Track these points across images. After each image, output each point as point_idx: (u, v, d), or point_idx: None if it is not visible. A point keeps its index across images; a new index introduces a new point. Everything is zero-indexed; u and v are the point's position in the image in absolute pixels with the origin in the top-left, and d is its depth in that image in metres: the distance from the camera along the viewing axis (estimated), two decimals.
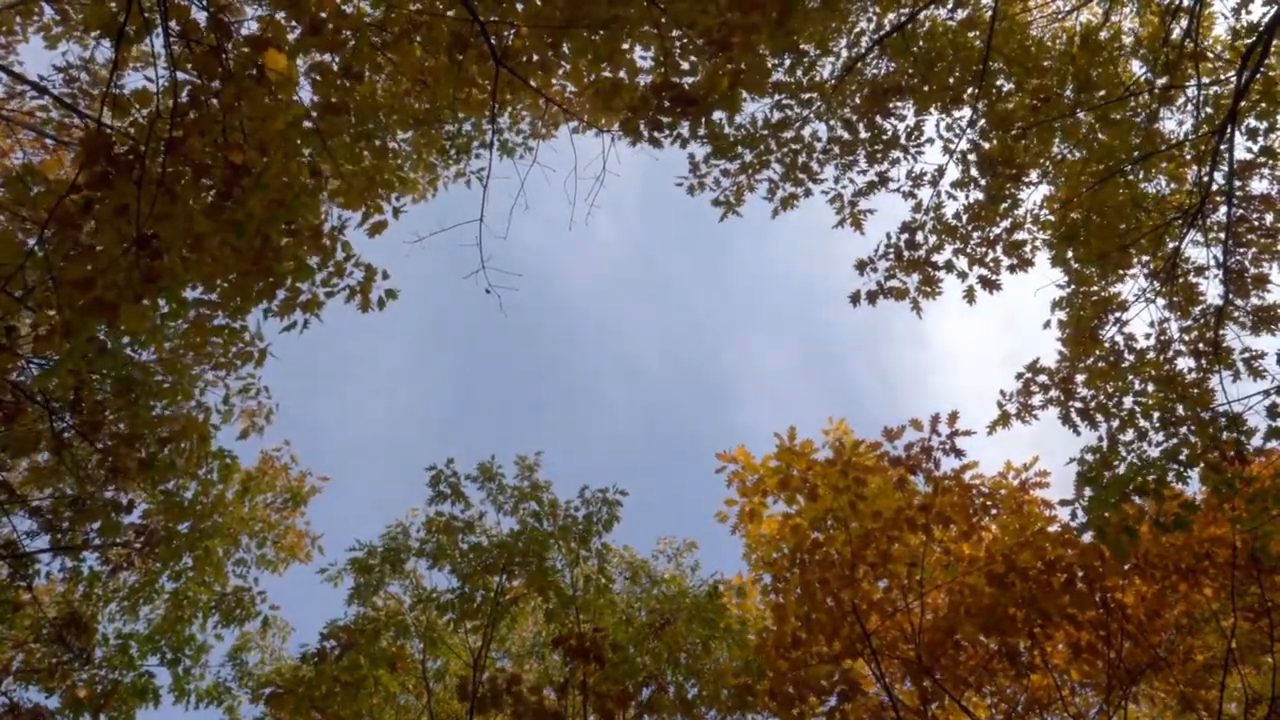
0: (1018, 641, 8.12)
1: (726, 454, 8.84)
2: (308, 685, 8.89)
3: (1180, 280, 7.15)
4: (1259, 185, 7.35)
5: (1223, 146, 6.40)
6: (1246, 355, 6.92)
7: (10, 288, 4.32)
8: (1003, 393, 7.53)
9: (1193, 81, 6.96)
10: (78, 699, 8.31)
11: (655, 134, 5.35)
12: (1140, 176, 7.55)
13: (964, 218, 8.27)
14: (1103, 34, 7.94)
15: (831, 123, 8.53)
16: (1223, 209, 6.67)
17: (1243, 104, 6.52)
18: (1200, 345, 6.86)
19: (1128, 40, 8.18)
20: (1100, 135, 7.35)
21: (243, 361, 6.43)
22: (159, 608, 9.31)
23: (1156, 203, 7.43)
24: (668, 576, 11.11)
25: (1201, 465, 5.70)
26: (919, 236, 8.47)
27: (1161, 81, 7.21)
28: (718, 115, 5.80)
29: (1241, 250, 7.12)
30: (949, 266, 8.30)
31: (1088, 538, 6.58)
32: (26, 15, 7.75)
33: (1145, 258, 7.34)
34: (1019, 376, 7.48)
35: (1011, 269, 8.19)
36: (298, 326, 5.85)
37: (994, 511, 8.50)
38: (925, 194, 8.50)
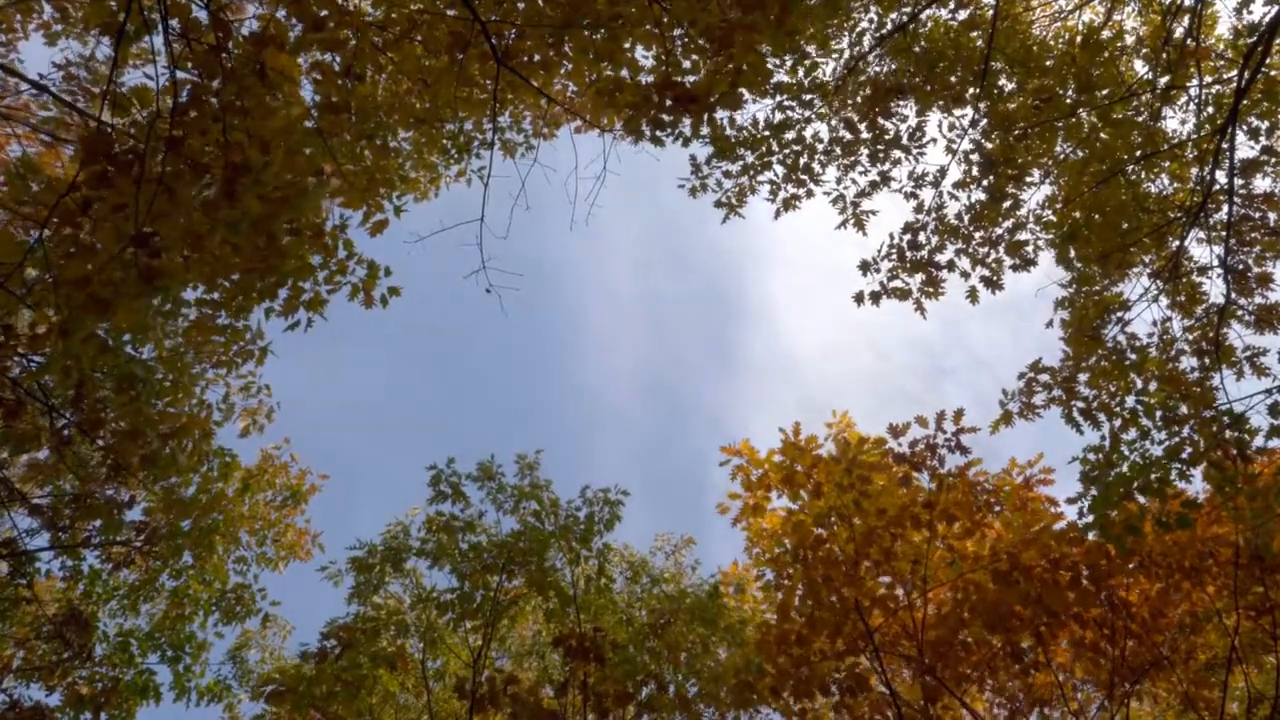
0: (1021, 639, 8.11)
1: (731, 447, 8.81)
2: (308, 684, 8.88)
3: (1183, 279, 7.15)
4: (1261, 184, 7.35)
5: (1225, 145, 6.39)
6: (1249, 354, 6.92)
7: (9, 285, 4.32)
8: (1005, 392, 7.54)
9: (1195, 81, 6.94)
10: (79, 696, 8.31)
11: (657, 133, 5.35)
12: (1142, 176, 7.54)
13: (966, 218, 8.26)
14: (1105, 33, 7.93)
15: (833, 123, 8.52)
16: (1225, 208, 6.67)
17: (1244, 103, 6.51)
18: (1203, 344, 6.84)
19: (1130, 39, 8.17)
20: (1102, 134, 7.33)
21: (244, 360, 6.42)
22: (159, 605, 9.32)
23: (1159, 202, 7.41)
24: (667, 575, 11.12)
25: (1205, 464, 5.69)
26: (921, 237, 8.46)
27: (1163, 81, 7.20)
28: (720, 115, 5.80)
29: (1244, 249, 7.11)
30: (951, 266, 8.29)
31: (1092, 535, 6.58)
32: (26, 13, 7.73)
33: (1148, 257, 7.33)
34: (1021, 376, 7.48)
35: (1014, 268, 8.19)
36: (300, 325, 5.85)
37: (998, 509, 8.49)
38: (927, 194, 8.50)
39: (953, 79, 8.05)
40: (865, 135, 8.47)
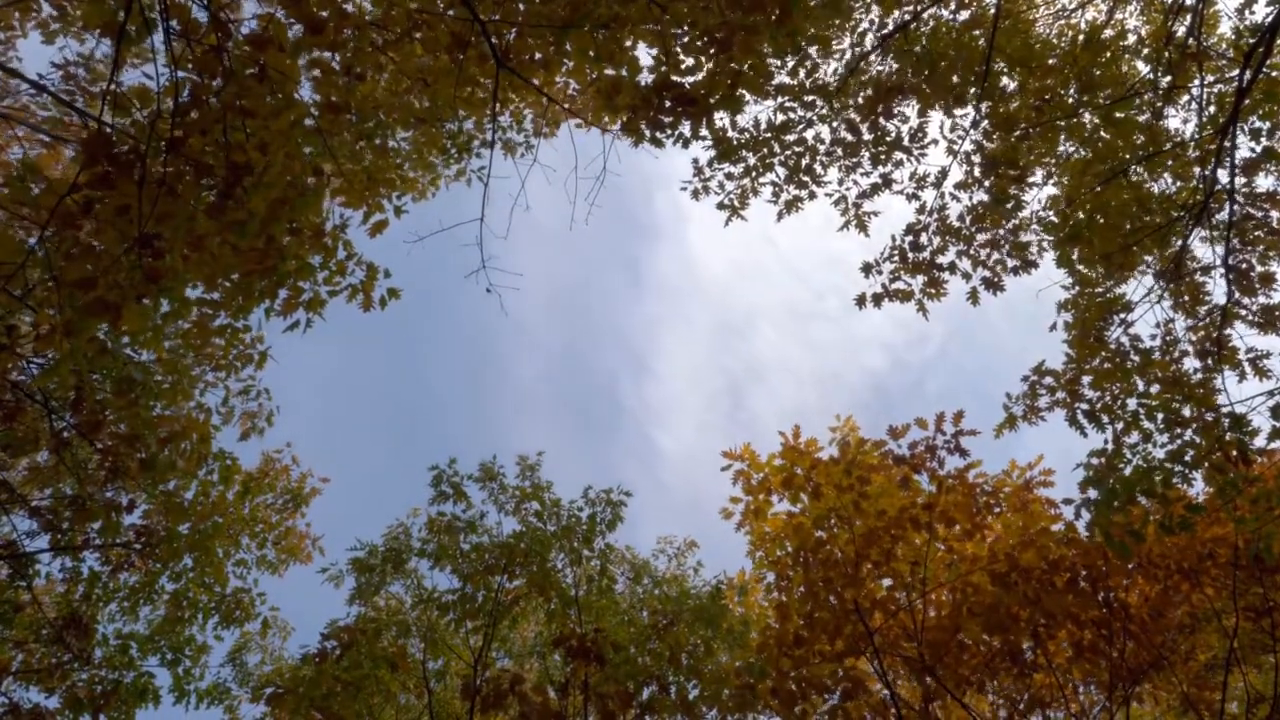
0: (1020, 640, 8.11)
1: (733, 452, 8.81)
2: (308, 685, 8.85)
3: (1185, 280, 7.13)
4: (1264, 183, 7.33)
5: (1226, 145, 6.37)
6: (1252, 355, 6.90)
7: (10, 287, 4.30)
8: (1009, 395, 7.53)
9: (1196, 80, 6.92)
10: (78, 699, 8.28)
11: (657, 134, 5.33)
12: (1144, 176, 7.52)
13: (968, 219, 8.24)
14: (1106, 33, 7.91)
15: (835, 124, 8.50)
16: (1227, 207, 6.65)
17: (1246, 103, 6.48)
18: (1206, 345, 6.83)
19: (1131, 39, 8.15)
20: (1104, 134, 7.31)
21: (243, 364, 6.40)
22: (159, 608, 9.29)
23: (1161, 202, 7.39)
24: (670, 577, 11.10)
25: (1206, 466, 5.67)
26: (923, 238, 8.44)
27: (1165, 80, 7.18)
28: (720, 117, 5.78)
29: (1247, 249, 7.09)
30: (952, 268, 8.28)
31: (1091, 536, 6.57)
32: (25, 12, 7.69)
33: (1150, 257, 7.31)
34: (1025, 379, 7.47)
35: (1015, 270, 8.17)
36: (300, 326, 5.83)
37: (997, 510, 8.49)
38: (929, 196, 8.48)
39: (954, 79, 8.02)
40: (867, 136, 8.45)
